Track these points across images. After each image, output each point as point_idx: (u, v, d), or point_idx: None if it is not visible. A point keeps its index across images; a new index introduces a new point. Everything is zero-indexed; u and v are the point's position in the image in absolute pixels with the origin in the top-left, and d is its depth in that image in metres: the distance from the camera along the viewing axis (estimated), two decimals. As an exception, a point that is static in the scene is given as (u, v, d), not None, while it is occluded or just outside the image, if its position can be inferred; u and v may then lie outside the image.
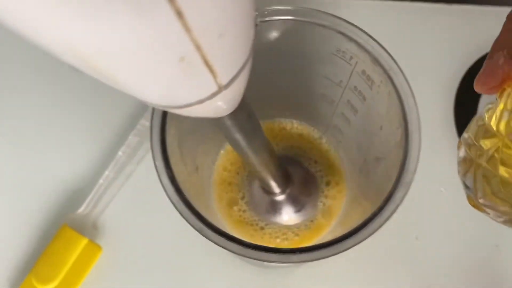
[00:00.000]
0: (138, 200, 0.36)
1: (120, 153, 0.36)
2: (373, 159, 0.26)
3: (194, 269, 0.35)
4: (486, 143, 0.19)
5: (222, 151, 0.32)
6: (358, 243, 0.19)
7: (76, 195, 0.36)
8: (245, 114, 0.18)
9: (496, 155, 0.19)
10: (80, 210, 0.35)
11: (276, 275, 0.35)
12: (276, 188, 0.28)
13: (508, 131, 0.18)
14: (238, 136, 0.19)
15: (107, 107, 0.38)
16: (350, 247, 0.19)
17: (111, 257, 0.35)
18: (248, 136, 0.20)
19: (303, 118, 0.33)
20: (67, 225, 0.35)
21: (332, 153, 0.33)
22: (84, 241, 0.34)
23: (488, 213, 0.21)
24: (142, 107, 0.39)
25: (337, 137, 0.32)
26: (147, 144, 0.37)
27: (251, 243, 0.19)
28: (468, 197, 0.21)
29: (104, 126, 0.38)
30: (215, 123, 0.18)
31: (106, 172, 0.36)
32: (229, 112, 0.16)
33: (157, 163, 0.20)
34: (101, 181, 0.36)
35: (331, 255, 0.19)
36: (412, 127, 0.21)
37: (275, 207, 0.30)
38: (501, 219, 0.20)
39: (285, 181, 0.29)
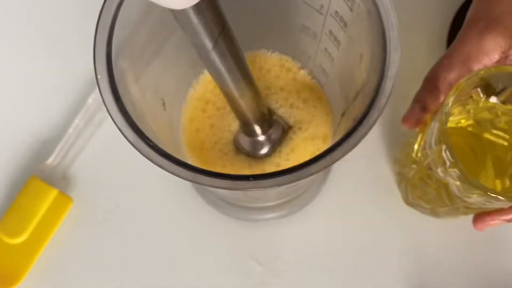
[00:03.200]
0: (110, 149, 0.34)
1: (90, 100, 0.34)
2: (354, 95, 0.24)
3: (171, 222, 0.33)
4: (412, 166, 0.29)
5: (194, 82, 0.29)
6: (324, 168, 0.17)
7: (44, 146, 0.34)
8: (214, 11, 0.16)
9: (417, 174, 0.29)
10: (49, 160, 0.33)
11: (260, 229, 0.33)
12: (257, 127, 0.26)
13: (422, 161, 0.27)
14: (208, 43, 0.17)
15: (76, 51, 0.35)
16: (314, 173, 0.17)
17: (82, 208, 0.33)
18: (220, 45, 0.17)
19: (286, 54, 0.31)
20: (35, 177, 0.33)
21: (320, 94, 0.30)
22: (53, 193, 0.32)
23: (416, 208, 0.32)
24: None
25: (322, 79, 0.29)
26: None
27: (201, 168, 0.17)
28: (403, 198, 0.33)
29: (73, 72, 0.35)
30: (180, 22, 0.15)
31: (76, 121, 0.34)
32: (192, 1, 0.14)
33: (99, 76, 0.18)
34: (70, 130, 0.34)
35: (291, 182, 0.16)
36: (391, 45, 0.19)
37: (256, 150, 0.28)
38: (427, 211, 0.32)
39: (267, 118, 0.26)
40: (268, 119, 0.26)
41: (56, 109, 0.35)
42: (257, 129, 0.26)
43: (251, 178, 0.16)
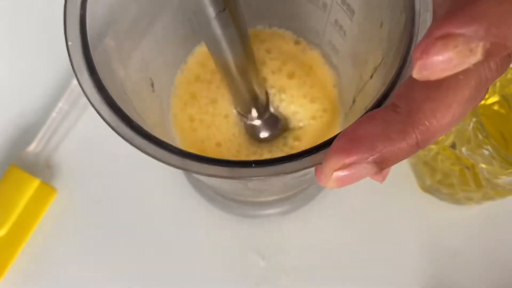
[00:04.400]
0: (96, 135, 0.31)
1: (75, 81, 0.31)
2: (371, 72, 0.21)
3: (164, 216, 0.30)
4: (431, 147, 0.26)
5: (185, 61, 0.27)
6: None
7: (25, 131, 0.31)
8: None
9: (438, 155, 0.26)
10: (31, 148, 0.31)
11: (262, 225, 0.30)
12: (253, 109, 0.23)
13: (444, 139, 0.25)
14: (211, 10, 0.14)
15: (59, 28, 0.32)
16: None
17: (67, 199, 0.30)
18: (225, 13, 0.15)
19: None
20: (15, 166, 0.30)
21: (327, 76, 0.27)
22: (35, 183, 0.30)
23: (433, 194, 0.30)
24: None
25: (332, 58, 0.26)
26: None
27: (192, 153, 0.14)
28: (419, 183, 0.31)
29: (56, 51, 0.32)
30: None
31: (60, 104, 0.31)
32: None
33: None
34: (54, 114, 0.31)
35: (301, 169, 0.14)
36: (420, 4, 0.16)
37: (251, 134, 0.25)
38: (446, 197, 0.29)
39: (264, 101, 0.24)
40: (264, 102, 0.24)
41: (37, 91, 0.32)
42: (254, 111, 0.23)
43: (253, 165, 0.14)
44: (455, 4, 0.12)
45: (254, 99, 0.22)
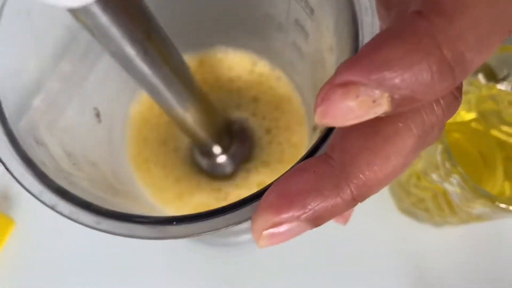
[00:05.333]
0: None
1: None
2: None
3: (129, 249, 0.29)
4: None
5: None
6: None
7: (-18, 159, 0.30)
8: (129, 4, 0.12)
9: (410, 179, 0.26)
10: (-12, 177, 0.29)
11: (234, 252, 0.29)
12: (215, 147, 0.21)
13: (415, 163, 0.24)
14: (132, 52, 0.12)
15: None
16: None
17: (26, 231, 0.29)
18: (149, 50, 0.13)
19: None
20: (-29, 196, 0.29)
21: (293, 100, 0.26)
22: (-7, 214, 0.28)
23: (412, 216, 0.29)
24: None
25: (294, 78, 0.25)
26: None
27: (107, 210, 0.12)
28: (396, 205, 0.29)
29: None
30: (87, 25, 0.11)
31: (18, 130, 0.30)
32: None
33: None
34: (11, 141, 0.29)
35: (228, 225, 0.12)
36: (363, 34, 0.14)
37: (215, 171, 0.24)
38: (424, 220, 0.28)
39: (225, 135, 0.22)
40: (227, 134, 0.22)
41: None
42: (216, 149, 0.22)
43: (174, 222, 0.12)
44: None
45: (212, 134, 0.20)
